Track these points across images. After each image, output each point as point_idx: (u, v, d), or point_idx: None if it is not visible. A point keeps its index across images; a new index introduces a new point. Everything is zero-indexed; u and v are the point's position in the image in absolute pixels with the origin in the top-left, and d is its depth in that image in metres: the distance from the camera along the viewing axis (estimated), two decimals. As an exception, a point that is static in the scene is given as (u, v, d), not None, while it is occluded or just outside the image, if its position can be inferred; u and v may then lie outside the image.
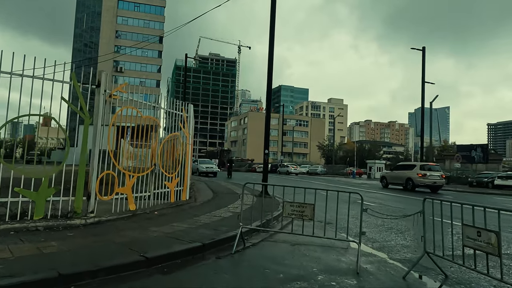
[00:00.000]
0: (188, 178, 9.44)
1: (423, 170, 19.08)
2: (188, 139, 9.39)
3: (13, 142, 75.95)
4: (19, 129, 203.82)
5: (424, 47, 25.73)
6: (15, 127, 73.63)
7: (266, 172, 12.03)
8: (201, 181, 18.47)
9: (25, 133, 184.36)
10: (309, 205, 4.81)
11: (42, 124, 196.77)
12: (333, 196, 5.15)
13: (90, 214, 6.02)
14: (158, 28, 75.36)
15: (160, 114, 8.03)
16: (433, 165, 21.00)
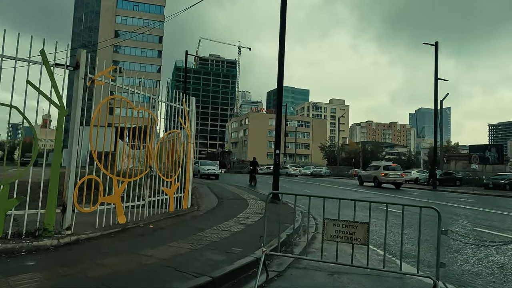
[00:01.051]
0: (189, 183, 8.13)
1: (386, 170, 22.70)
2: (189, 137, 8.09)
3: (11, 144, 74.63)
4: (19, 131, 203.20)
5: (437, 42, 24.47)
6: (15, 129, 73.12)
7: (277, 175, 10.71)
8: (203, 184, 17.15)
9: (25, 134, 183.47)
10: (362, 225, 3.48)
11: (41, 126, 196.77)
12: (365, 206, 3.81)
13: (65, 231, 4.71)
14: (158, 27, 74.16)
15: (157, 106, 6.72)
16: (394, 166, 24.18)
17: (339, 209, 4.06)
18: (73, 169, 4.81)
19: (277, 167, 10.73)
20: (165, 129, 8.32)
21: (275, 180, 10.66)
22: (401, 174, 22.84)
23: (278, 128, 10.68)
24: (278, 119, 10.81)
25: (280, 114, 10.78)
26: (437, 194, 19.68)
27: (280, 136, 10.64)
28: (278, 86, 10.73)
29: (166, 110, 8.09)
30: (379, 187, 22.35)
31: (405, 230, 5.32)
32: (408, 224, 7.07)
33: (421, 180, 29.37)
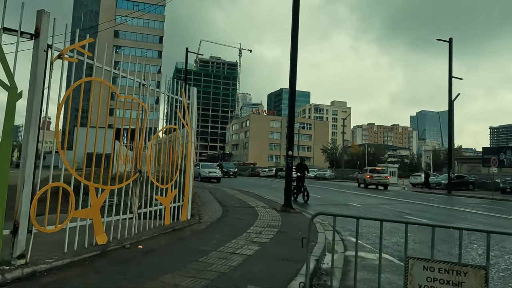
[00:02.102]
0: (189, 189, 6.81)
1: (371, 173, 26.51)
2: (189, 135, 6.78)
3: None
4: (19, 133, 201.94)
5: (451, 38, 23.22)
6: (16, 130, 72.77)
7: (289, 180, 9.37)
8: (204, 189, 15.82)
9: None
10: (474, 270, 2.10)
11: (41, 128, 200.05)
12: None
13: (17, 260, 3.39)
14: (158, 27, 73.13)
15: (148, 94, 5.41)
16: (378, 169, 27.77)
17: (432, 245, 2.54)
18: (29, 176, 3.49)
19: (289, 170, 9.40)
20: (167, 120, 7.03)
21: (287, 185, 9.33)
22: (385, 177, 26.06)
23: (291, 124, 9.36)
24: (291, 116, 9.49)
25: (293, 110, 9.47)
26: (458, 200, 18.33)
27: (293, 134, 9.32)
28: (291, 77, 9.43)
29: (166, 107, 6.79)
30: (366, 188, 25.74)
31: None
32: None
33: (432, 184, 28.01)
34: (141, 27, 70.20)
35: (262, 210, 8.89)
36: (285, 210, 8.80)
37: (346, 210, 10.65)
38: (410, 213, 10.57)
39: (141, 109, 5.29)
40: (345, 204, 12.55)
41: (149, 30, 71.18)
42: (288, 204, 9.12)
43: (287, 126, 9.47)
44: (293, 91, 9.45)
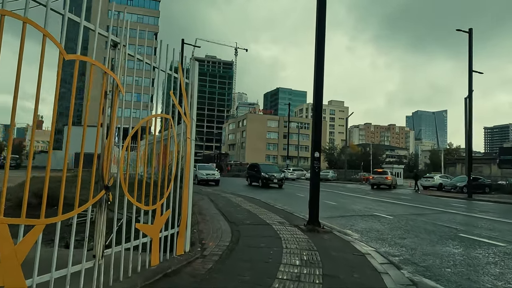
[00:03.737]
0: (189, 208, 4.71)
1: (374, 174, 30.47)
2: (189, 129, 4.69)
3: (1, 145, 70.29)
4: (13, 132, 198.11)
5: (471, 28, 21.34)
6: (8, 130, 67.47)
7: (316, 190, 7.28)
8: (203, 195, 13.71)
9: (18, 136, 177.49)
10: None
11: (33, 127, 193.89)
12: None
13: None
14: (153, 23, 70.73)
15: (124, 63, 3.33)
16: (379, 171, 30.67)
17: None
18: None
19: (316, 176, 7.31)
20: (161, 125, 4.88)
21: (313, 196, 7.24)
22: (385, 177, 28.41)
23: (318, 122, 7.30)
24: (318, 111, 7.42)
25: (320, 105, 7.40)
26: (488, 206, 16.40)
27: (320, 132, 7.26)
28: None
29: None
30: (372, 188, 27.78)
31: None
32: None
33: (447, 187, 26.11)
34: (135, 23, 67.73)
35: (282, 229, 6.82)
36: (313, 229, 6.74)
37: (379, 225, 8.64)
38: (461, 229, 8.58)
39: (111, 85, 3.19)
40: (372, 215, 10.53)
41: (143, 26, 68.71)
42: (315, 220, 7.06)
43: (313, 123, 7.41)
44: (319, 84, 7.40)
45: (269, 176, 22.46)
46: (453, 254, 5.80)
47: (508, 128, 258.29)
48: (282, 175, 23.30)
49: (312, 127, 7.39)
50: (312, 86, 7.71)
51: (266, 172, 22.86)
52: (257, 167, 24.45)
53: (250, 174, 25.30)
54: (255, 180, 23.86)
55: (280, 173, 23.83)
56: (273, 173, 23.01)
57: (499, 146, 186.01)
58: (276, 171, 23.66)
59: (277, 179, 22.60)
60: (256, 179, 23.73)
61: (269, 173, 22.71)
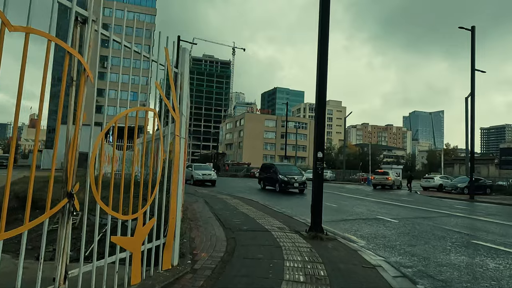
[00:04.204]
0: (177, 214, 4.13)
1: (375, 175, 30.59)
2: (177, 126, 4.11)
3: None
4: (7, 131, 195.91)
5: (473, 26, 20.88)
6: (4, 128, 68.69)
7: (319, 193, 6.71)
8: (198, 197, 13.13)
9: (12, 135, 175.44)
10: None
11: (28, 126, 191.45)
12: None
13: None
14: (149, 21, 69.92)
15: (91, 39, 2.76)
16: (381, 172, 31.19)
17: None
18: None
19: (320, 179, 6.74)
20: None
21: (316, 200, 6.67)
22: (387, 178, 28.94)
23: (320, 115, 6.74)
24: (321, 107, 6.87)
25: (323, 99, 6.84)
26: (495, 208, 15.93)
27: (323, 131, 6.70)
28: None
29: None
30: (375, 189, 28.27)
31: None
32: None
33: (447, 188, 25.67)
34: (131, 21, 66.81)
35: (282, 236, 6.25)
36: (315, 236, 6.17)
37: (385, 230, 8.10)
38: (472, 234, 8.06)
39: (75, 66, 2.61)
40: (376, 219, 9.99)
41: (139, 23, 67.90)
42: (318, 226, 6.50)
43: (315, 118, 6.86)
44: (322, 72, 6.84)
45: (288, 179, 18.29)
46: (471, 265, 5.26)
47: (504, 129, 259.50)
48: (303, 178, 19.01)
49: (314, 125, 6.83)
50: (314, 85, 7.17)
51: (285, 174, 18.69)
52: (273, 168, 20.19)
53: (264, 177, 21.23)
54: (271, 183, 19.91)
55: (301, 175, 19.42)
56: (293, 175, 18.74)
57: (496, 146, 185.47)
58: (297, 173, 19.69)
59: (298, 182, 18.32)
60: (272, 182, 19.77)
61: (288, 175, 18.51)
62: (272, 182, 19.63)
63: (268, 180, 20.33)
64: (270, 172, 20.17)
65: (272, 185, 19.70)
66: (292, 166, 22.49)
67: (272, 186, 19.72)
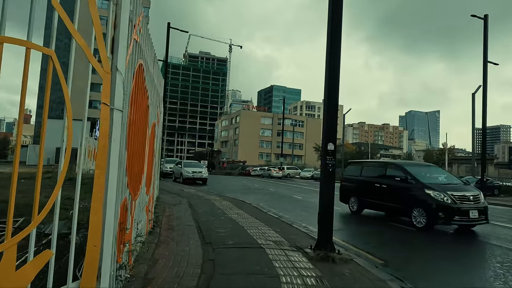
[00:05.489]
0: (108, 240, 2.46)
1: None
2: (106, 86, 2.43)
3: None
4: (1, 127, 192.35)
5: (486, 15, 19.38)
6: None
7: (330, 194, 5.06)
8: (182, 197, 11.45)
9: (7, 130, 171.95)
10: None
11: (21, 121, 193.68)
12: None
13: None
14: (145, 14, 67.84)
15: None
16: None
17: None
18: None
19: (330, 178, 5.08)
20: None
21: (325, 206, 5.02)
22: None
23: (331, 98, 5.10)
24: (333, 80, 5.21)
25: (334, 78, 5.19)
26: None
27: (334, 118, 5.07)
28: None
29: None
30: None
31: None
32: None
33: (453, 188, 24.17)
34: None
35: (280, 256, 4.60)
36: (325, 257, 4.54)
37: (404, 241, 6.52)
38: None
39: None
40: (388, 225, 8.40)
41: (132, 16, 65.78)
42: (327, 242, 4.86)
43: (325, 102, 5.21)
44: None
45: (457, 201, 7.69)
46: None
47: (499, 130, 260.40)
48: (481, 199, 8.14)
49: (324, 109, 5.18)
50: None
51: (443, 189, 7.79)
52: (402, 172, 8.67)
53: (367, 190, 9.85)
54: (399, 207, 8.71)
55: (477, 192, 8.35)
56: (459, 191, 7.91)
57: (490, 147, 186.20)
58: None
59: (477, 209, 7.74)
60: (404, 204, 8.53)
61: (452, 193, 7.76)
62: (406, 205, 8.40)
63: (389, 197, 8.99)
64: (393, 183, 8.90)
65: (404, 212, 8.61)
66: (439, 169, 10.00)
67: (403, 214, 8.69)
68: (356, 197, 10.09)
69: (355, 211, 10.05)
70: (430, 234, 7.29)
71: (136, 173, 3.50)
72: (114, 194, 2.51)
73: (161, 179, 22.79)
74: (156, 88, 5.32)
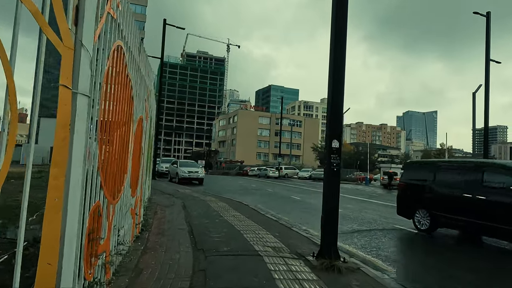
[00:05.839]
0: (69, 257, 2.01)
1: (384, 175, 30.22)
2: (66, 64, 1.96)
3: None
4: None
5: (488, 12, 19.02)
6: None
7: (335, 197, 4.62)
8: (176, 198, 10.97)
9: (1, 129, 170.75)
10: None
11: None
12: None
13: None
14: (140, 12, 67.19)
15: None
16: (390, 172, 29.75)
17: None
18: None
19: (335, 177, 4.63)
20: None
21: (329, 210, 4.58)
22: (395, 179, 27.43)
23: (336, 85, 4.66)
24: (338, 59, 4.77)
25: (341, 54, 4.76)
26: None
27: (341, 105, 4.63)
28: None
29: None
30: None
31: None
32: None
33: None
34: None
35: (280, 265, 4.15)
36: (330, 266, 4.09)
37: (415, 247, 6.10)
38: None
39: None
40: (395, 229, 7.97)
41: (129, 14, 65.09)
42: (332, 248, 4.41)
43: (329, 90, 4.75)
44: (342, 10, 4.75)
45: None
46: None
47: (496, 130, 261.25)
48: None
49: (328, 103, 4.72)
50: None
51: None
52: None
53: (457, 204, 7.04)
54: None
55: None
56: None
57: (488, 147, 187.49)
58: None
59: None
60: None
61: None
62: None
63: (488, 214, 6.30)
64: (497, 193, 6.37)
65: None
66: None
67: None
68: (427, 210, 7.53)
69: (425, 229, 7.52)
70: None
71: (114, 172, 3.03)
72: (78, 198, 2.05)
73: (156, 179, 22.27)
74: (144, 79, 4.85)
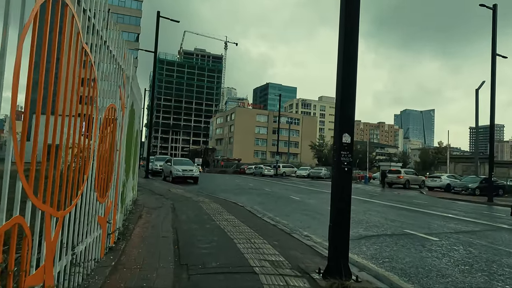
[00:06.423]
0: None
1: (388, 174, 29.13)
2: None
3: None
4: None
5: (495, 4, 18.29)
6: None
7: (345, 200, 3.85)
8: (166, 199, 10.18)
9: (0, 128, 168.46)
10: None
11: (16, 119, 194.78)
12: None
13: None
14: (135, 7, 66.08)
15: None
16: (393, 170, 29.58)
17: None
18: None
19: (347, 178, 3.87)
20: None
21: (339, 215, 3.81)
22: (398, 176, 27.93)
23: (346, 66, 3.88)
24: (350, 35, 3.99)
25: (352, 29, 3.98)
26: None
27: (353, 94, 3.86)
28: None
29: None
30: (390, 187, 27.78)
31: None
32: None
33: (456, 188, 23.14)
34: (116, 6, 62.92)
35: (280, 286, 3.38)
36: (341, 286, 3.31)
37: (431, 256, 5.36)
38: None
39: None
40: (404, 234, 7.24)
41: (125, 10, 63.97)
42: (342, 265, 3.64)
43: (338, 76, 3.97)
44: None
45: None
46: None
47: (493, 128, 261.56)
48: None
49: (336, 91, 3.93)
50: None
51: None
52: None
53: None
54: None
55: None
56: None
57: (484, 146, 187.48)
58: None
59: None
60: None
61: None
62: None
63: None
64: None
65: None
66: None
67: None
68: None
69: None
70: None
71: (52, 174, 2.24)
72: None
73: (150, 177, 21.46)
74: (118, 62, 4.05)
